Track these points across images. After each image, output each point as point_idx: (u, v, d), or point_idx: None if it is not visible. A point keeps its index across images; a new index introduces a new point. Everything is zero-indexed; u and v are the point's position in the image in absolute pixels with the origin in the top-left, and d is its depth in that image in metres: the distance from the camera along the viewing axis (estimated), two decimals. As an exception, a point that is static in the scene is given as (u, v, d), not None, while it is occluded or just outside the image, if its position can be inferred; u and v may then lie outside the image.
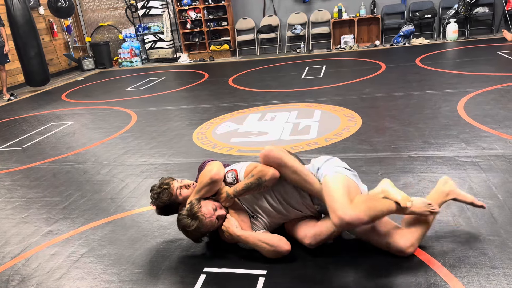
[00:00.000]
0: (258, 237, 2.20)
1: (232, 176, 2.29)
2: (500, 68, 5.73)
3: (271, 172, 2.14)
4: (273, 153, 2.14)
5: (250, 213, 2.30)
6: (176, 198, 2.36)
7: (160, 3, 9.94)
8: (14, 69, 8.71)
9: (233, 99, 5.79)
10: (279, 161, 2.13)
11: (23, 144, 4.87)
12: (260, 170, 2.16)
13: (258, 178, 2.15)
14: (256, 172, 2.17)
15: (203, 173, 2.30)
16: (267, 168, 2.15)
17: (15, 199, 3.41)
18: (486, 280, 1.90)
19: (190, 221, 2.18)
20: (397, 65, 6.76)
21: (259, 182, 2.15)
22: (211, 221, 2.21)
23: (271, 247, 2.17)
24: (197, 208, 2.19)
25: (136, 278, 2.23)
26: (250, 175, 2.19)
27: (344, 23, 9.29)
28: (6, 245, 2.71)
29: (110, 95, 7.14)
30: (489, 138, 3.46)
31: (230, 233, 2.21)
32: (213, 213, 2.21)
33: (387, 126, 4.05)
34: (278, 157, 2.13)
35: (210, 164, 2.34)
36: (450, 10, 8.51)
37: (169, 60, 10.10)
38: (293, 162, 2.15)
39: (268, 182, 2.15)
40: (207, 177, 2.23)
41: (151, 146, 4.26)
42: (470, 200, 2.25)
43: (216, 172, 2.23)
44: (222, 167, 2.31)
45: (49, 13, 9.38)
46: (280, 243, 2.18)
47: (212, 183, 2.24)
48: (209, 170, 2.25)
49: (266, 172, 2.14)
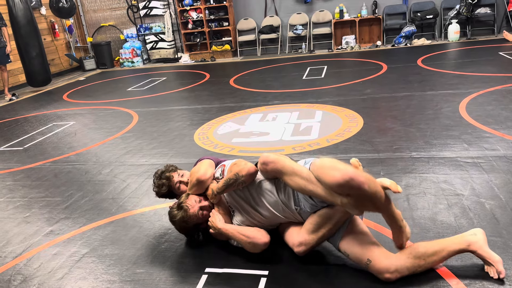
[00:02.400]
0: (237, 229, 2.24)
1: (220, 170, 2.35)
2: (502, 68, 5.73)
3: (247, 168, 2.16)
4: (269, 159, 2.08)
5: (232, 211, 2.34)
6: (176, 191, 2.52)
7: (161, 4, 9.95)
8: (15, 69, 8.72)
9: (234, 100, 5.79)
10: (276, 166, 2.06)
11: (24, 144, 4.88)
12: (237, 165, 2.20)
13: (235, 174, 2.17)
14: (234, 168, 2.21)
15: (191, 173, 2.39)
16: (244, 164, 2.18)
17: (17, 199, 3.41)
18: (488, 282, 1.90)
19: (176, 212, 2.30)
20: (399, 65, 6.75)
21: (236, 177, 2.17)
22: (194, 212, 2.29)
23: (248, 238, 2.19)
24: (183, 200, 2.32)
25: (138, 278, 2.23)
26: (229, 171, 2.25)
27: (346, 23, 9.29)
28: (8, 245, 2.72)
29: (111, 95, 7.14)
30: (491, 139, 3.45)
31: (214, 226, 2.28)
32: (195, 204, 2.30)
33: (388, 126, 4.04)
34: (274, 161, 2.07)
35: (199, 163, 2.41)
36: (452, 11, 8.50)
37: (170, 61, 10.10)
38: (291, 165, 2.05)
39: (245, 177, 2.16)
40: (194, 177, 2.32)
41: (152, 146, 4.26)
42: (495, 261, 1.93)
43: (202, 173, 2.31)
44: (210, 167, 2.37)
45: (51, 13, 9.39)
46: (257, 235, 2.18)
47: (198, 183, 2.31)
48: (196, 171, 2.33)
49: (243, 167, 2.16)
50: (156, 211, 2.91)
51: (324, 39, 9.48)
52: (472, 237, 1.98)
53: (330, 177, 1.83)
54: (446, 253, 1.96)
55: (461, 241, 1.97)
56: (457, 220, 2.38)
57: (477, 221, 2.35)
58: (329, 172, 1.85)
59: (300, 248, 2.12)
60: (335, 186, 1.83)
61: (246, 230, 2.23)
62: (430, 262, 1.96)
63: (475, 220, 2.36)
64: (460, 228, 2.30)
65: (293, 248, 2.15)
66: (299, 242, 2.12)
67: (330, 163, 1.89)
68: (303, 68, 7.52)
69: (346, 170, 1.80)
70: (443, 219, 2.40)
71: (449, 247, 1.96)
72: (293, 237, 2.17)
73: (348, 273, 2.07)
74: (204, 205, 2.32)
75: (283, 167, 2.04)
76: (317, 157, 2.14)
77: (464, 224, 2.34)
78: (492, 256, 1.94)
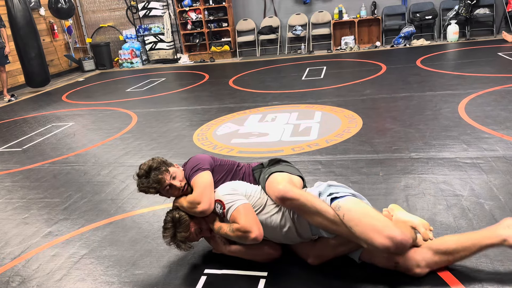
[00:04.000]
0: (246, 252, 2.19)
1: (219, 209, 2.11)
2: (501, 69, 5.73)
3: (252, 237, 1.97)
4: (287, 195, 1.91)
5: None
6: (162, 192, 2.25)
7: (160, 4, 9.95)
8: (14, 70, 8.71)
9: (234, 100, 5.78)
10: (295, 204, 1.93)
11: (23, 145, 4.87)
12: (243, 232, 1.97)
13: (238, 239, 2.02)
14: (237, 233, 2.00)
15: (193, 200, 2.12)
16: (250, 229, 1.96)
17: (16, 200, 3.41)
18: (487, 282, 1.90)
19: (179, 244, 2.15)
20: (398, 66, 6.75)
21: (239, 240, 2.05)
22: (196, 241, 2.25)
23: (259, 256, 2.17)
24: (183, 230, 2.11)
25: (137, 279, 2.22)
26: (232, 229, 2.02)
27: (345, 24, 9.29)
28: (7, 246, 2.71)
29: (110, 96, 7.14)
30: (490, 140, 3.45)
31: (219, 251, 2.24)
32: (196, 238, 2.19)
33: (387, 127, 4.04)
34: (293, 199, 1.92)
35: (199, 186, 2.15)
36: (451, 11, 8.51)
37: (169, 61, 10.10)
38: (313, 203, 1.92)
39: (248, 243, 2.09)
40: (198, 209, 2.09)
41: (151, 147, 4.25)
42: None
43: (207, 207, 2.09)
44: (212, 194, 2.14)
45: (50, 14, 9.39)
46: (270, 251, 2.15)
47: (201, 215, 2.13)
48: (198, 201, 2.10)
49: (247, 236, 1.97)
50: (155, 212, 2.90)
51: (323, 39, 9.49)
52: (506, 231, 1.87)
53: (376, 241, 1.76)
54: (477, 248, 1.89)
55: (494, 235, 1.88)
56: (456, 221, 2.38)
57: (476, 222, 2.35)
58: (374, 236, 1.77)
59: (315, 260, 2.10)
60: (382, 250, 1.78)
61: (254, 251, 2.17)
62: (459, 257, 1.92)
63: (474, 221, 2.36)
64: (459, 229, 2.30)
65: (306, 259, 2.13)
66: (317, 255, 2.08)
67: (371, 220, 1.80)
68: (302, 68, 7.52)
69: (392, 233, 1.75)
70: (442, 220, 2.40)
71: (481, 242, 1.88)
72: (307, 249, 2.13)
73: (348, 274, 2.07)
74: (205, 236, 2.23)
75: (303, 206, 1.92)
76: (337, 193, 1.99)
77: (463, 225, 2.33)
78: None
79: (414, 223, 2.03)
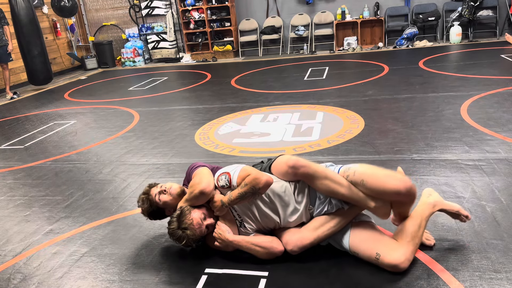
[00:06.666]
0: (250, 240, 2.20)
1: (225, 179, 2.20)
2: (504, 71, 5.72)
3: (264, 179, 2.09)
4: (300, 162, 2.08)
5: (238, 221, 2.24)
6: (158, 204, 2.34)
7: (163, 3, 9.95)
8: (17, 68, 8.73)
9: (236, 100, 5.78)
10: (307, 170, 2.08)
11: (25, 143, 4.88)
12: (254, 177, 2.09)
13: (252, 187, 2.08)
14: (249, 180, 2.09)
15: (192, 184, 2.22)
16: (260, 175, 2.10)
17: (17, 197, 3.41)
18: (488, 285, 1.89)
19: (181, 233, 2.15)
20: (400, 67, 6.75)
21: (253, 190, 2.09)
22: (200, 231, 2.20)
23: (264, 249, 2.18)
24: (187, 220, 2.15)
25: (137, 278, 2.22)
26: (244, 184, 2.11)
27: (347, 24, 9.28)
28: (8, 244, 2.72)
29: (112, 94, 7.15)
30: (493, 142, 3.45)
31: (222, 239, 2.20)
32: (202, 223, 2.19)
33: (390, 128, 4.04)
34: (306, 166, 2.08)
35: (198, 174, 2.26)
36: (454, 13, 8.49)
37: (172, 60, 10.11)
38: (323, 169, 2.11)
39: (262, 189, 2.11)
40: (197, 189, 2.16)
41: (153, 146, 4.26)
42: (456, 209, 2.16)
43: (206, 185, 2.16)
44: (211, 178, 2.23)
45: (53, 12, 9.40)
46: (273, 244, 2.19)
47: (201, 195, 2.17)
48: (198, 182, 2.18)
49: (260, 180, 2.08)
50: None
51: (326, 40, 9.48)
52: (431, 198, 2.20)
53: (391, 185, 1.99)
54: (424, 221, 2.12)
55: (426, 207, 2.16)
56: (457, 223, 2.37)
57: (477, 224, 2.34)
58: (388, 180, 2.01)
59: (295, 246, 2.15)
60: (394, 193, 2.00)
61: (260, 241, 2.19)
62: (420, 235, 2.10)
63: (476, 223, 2.36)
64: (461, 231, 2.30)
65: (286, 245, 2.17)
66: (296, 239, 2.16)
67: (384, 172, 2.08)
68: (304, 69, 7.51)
69: (405, 180, 2.00)
70: (444, 222, 2.40)
71: (423, 215, 2.12)
72: (290, 234, 2.20)
73: (348, 274, 2.07)
74: (210, 223, 2.22)
75: (315, 172, 2.09)
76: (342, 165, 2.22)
77: (464, 227, 2.33)
78: (453, 206, 2.18)
79: (456, 207, 2.19)
